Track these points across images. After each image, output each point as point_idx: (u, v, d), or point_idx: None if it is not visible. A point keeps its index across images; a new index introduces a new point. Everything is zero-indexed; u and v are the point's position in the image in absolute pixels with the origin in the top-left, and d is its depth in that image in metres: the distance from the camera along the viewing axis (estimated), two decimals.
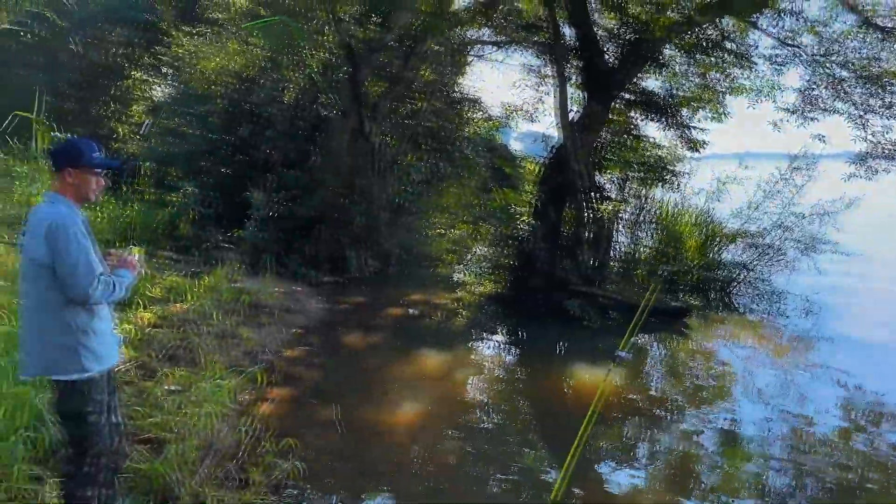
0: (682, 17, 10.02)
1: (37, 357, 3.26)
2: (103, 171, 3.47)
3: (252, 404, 6.23)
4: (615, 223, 10.88)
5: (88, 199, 3.42)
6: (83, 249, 3.16)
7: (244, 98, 15.14)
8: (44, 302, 3.20)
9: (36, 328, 3.23)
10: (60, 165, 3.30)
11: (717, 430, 6.18)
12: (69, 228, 3.13)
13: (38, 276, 3.18)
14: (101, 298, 3.25)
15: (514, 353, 9.17)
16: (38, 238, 3.13)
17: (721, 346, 9.19)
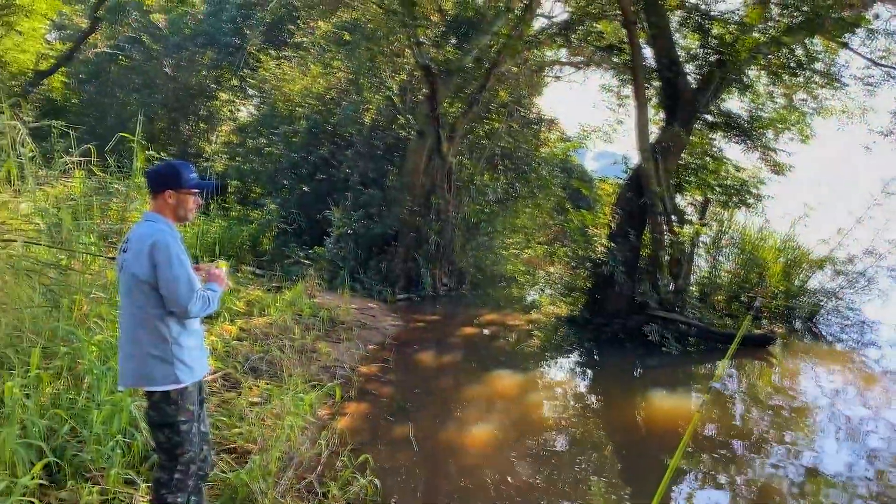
0: (768, 37, 9.77)
1: (132, 369, 3.41)
2: (199, 191, 3.64)
3: (330, 418, 6.36)
4: (695, 247, 10.62)
5: (186, 219, 3.59)
6: (184, 267, 3.34)
7: (325, 119, 15.58)
8: (141, 316, 3.37)
9: (132, 340, 3.40)
10: (160, 188, 3.47)
11: (802, 467, 5.92)
12: (171, 247, 3.31)
13: (136, 291, 3.35)
14: (199, 313, 3.42)
15: (591, 378, 9.04)
16: (140, 256, 3.29)
17: (806, 377, 8.80)
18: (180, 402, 3.46)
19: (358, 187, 14.66)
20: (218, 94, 22.44)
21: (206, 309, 3.46)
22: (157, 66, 21.04)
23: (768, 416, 7.25)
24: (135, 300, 3.36)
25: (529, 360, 9.41)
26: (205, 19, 22.80)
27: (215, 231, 13.42)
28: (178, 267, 3.30)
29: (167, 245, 3.30)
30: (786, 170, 10.42)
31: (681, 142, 9.90)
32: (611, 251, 10.15)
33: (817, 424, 6.94)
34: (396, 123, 15.35)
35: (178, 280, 3.29)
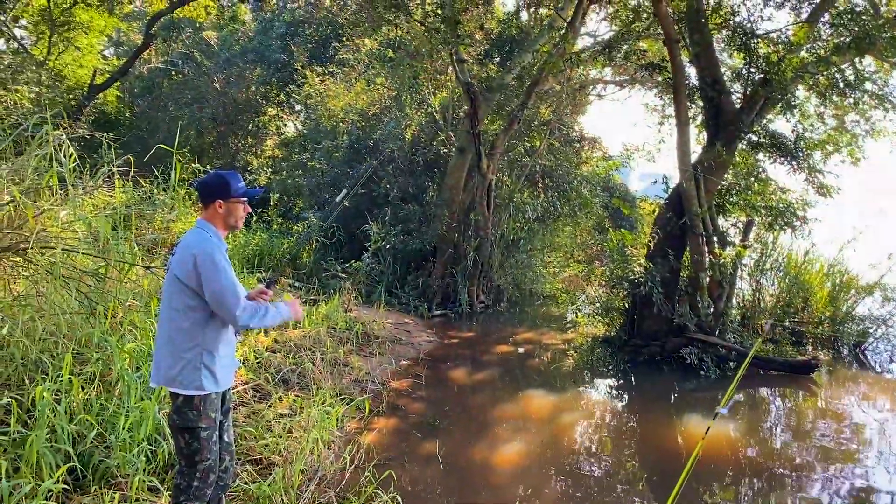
0: (815, 57, 9.54)
1: (164, 368, 3.49)
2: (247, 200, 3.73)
3: (357, 433, 6.35)
4: (738, 269, 10.36)
5: (236, 227, 3.70)
6: (228, 276, 3.43)
7: (367, 134, 15.74)
8: (178, 319, 3.46)
9: (167, 340, 3.49)
10: (211, 198, 3.57)
11: (842, 499, 5.68)
12: (216, 255, 3.41)
13: (177, 294, 3.45)
14: (247, 321, 3.48)
15: (625, 400, 8.86)
16: (187, 261, 3.40)
17: (851, 406, 8.46)
18: (202, 408, 3.51)
19: (397, 202, 14.74)
20: (266, 110, 22.88)
21: (255, 318, 3.51)
22: (207, 81, 21.55)
23: (805, 443, 6.99)
24: (174, 302, 3.46)
25: (563, 380, 9.27)
26: (254, 36, 23.34)
27: (256, 243, 13.62)
28: (223, 276, 3.39)
29: (212, 254, 3.39)
30: (833, 192, 10.10)
31: (723, 162, 9.70)
32: (649, 271, 9.97)
33: (857, 453, 6.66)
34: (437, 140, 15.42)
35: (224, 289, 3.38)
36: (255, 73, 22.14)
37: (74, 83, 19.69)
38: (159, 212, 9.11)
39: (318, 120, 17.73)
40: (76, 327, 5.41)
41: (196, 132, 23.25)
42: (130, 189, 9.38)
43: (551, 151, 16.08)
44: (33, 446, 3.91)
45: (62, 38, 19.28)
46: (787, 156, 9.86)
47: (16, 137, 6.25)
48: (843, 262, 11.62)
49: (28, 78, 16.33)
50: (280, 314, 3.67)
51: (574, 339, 11.58)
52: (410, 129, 15.64)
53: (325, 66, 18.35)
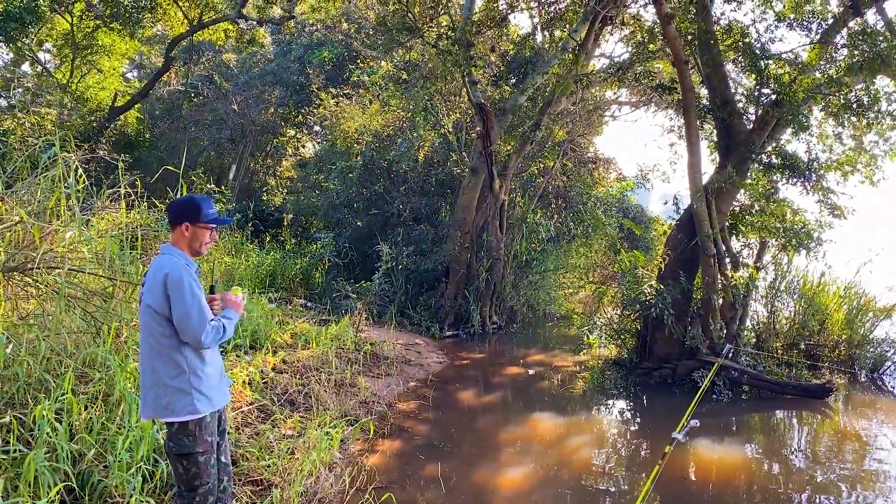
0: (828, 77, 9.48)
1: (152, 399, 3.47)
2: (216, 227, 3.72)
3: (361, 454, 6.33)
4: (751, 291, 10.24)
5: (200, 253, 3.66)
6: (196, 298, 3.40)
7: (381, 155, 15.85)
8: (157, 347, 3.44)
9: (150, 371, 3.46)
10: (178, 221, 3.56)
11: None
12: (184, 279, 3.38)
13: (152, 323, 3.42)
14: (212, 343, 3.46)
15: (635, 424, 8.75)
16: (155, 287, 3.38)
17: (866, 431, 8.28)
18: (198, 433, 3.50)
19: (410, 223, 14.79)
20: (284, 131, 23.14)
21: (220, 338, 3.51)
22: (226, 103, 21.86)
23: (817, 468, 6.85)
24: (151, 332, 3.43)
25: (573, 403, 9.19)
26: (273, 59, 23.67)
27: (269, 263, 13.71)
28: (190, 298, 3.36)
29: (180, 277, 3.37)
30: (846, 213, 9.98)
31: (734, 183, 9.63)
32: (660, 293, 9.89)
33: (873, 478, 6.51)
34: (450, 160, 15.49)
35: (189, 312, 3.35)
36: (274, 94, 22.44)
37: (96, 105, 20.08)
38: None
39: (333, 141, 17.90)
40: (82, 346, 5.47)
41: (215, 153, 23.58)
42: (144, 210, 9.51)
43: (565, 172, 16.08)
44: (31, 465, 3.93)
45: (85, 62, 19.71)
46: (799, 177, 9.77)
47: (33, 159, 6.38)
48: (860, 284, 11.45)
49: (50, 101, 16.68)
50: (232, 321, 3.64)
51: (585, 361, 11.49)
52: (423, 150, 15.73)
53: (339, 88, 18.54)
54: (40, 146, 6.22)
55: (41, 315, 5.53)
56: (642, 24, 12.72)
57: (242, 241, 13.54)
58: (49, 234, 5.48)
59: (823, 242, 10.25)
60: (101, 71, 20.34)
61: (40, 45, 20.11)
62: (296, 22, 20.79)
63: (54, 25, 18.96)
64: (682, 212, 10.70)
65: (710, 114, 10.30)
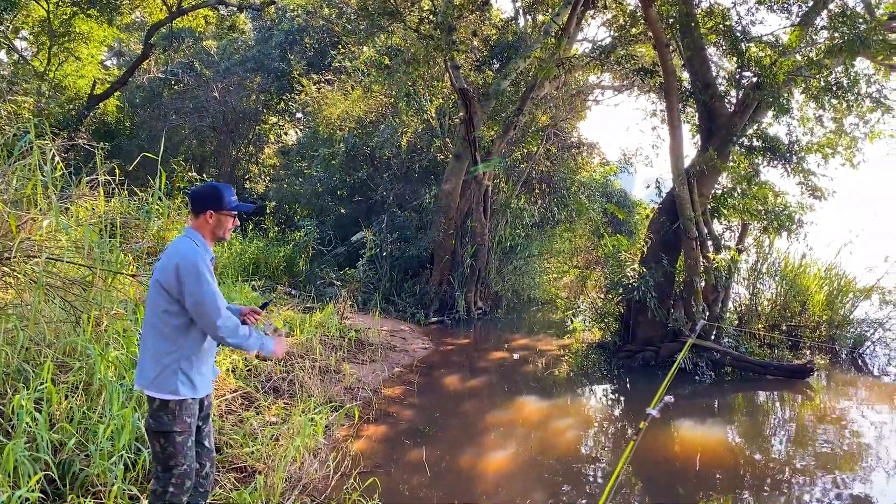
0: (808, 60, 9.51)
1: (144, 370, 3.51)
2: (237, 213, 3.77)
3: (345, 440, 6.33)
4: (732, 274, 10.32)
5: (224, 239, 3.74)
6: (211, 286, 3.44)
7: (364, 142, 15.77)
8: (158, 323, 3.49)
9: (149, 344, 3.51)
10: (201, 209, 3.61)
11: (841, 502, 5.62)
12: (199, 265, 3.42)
13: (158, 298, 3.48)
14: (225, 335, 3.46)
15: (618, 406, 8.82)
16: (170, 268, 3.42)
17: (846, 410, 8.40)
18: (177, 412, 3.51)
19: (394, 209, 14.76)
20: (266, 118, 22.94)
21: (236, 336, 3.50)
22: (207, 90, 21.62)
23: (797, 447, 6.94)
24: (156, 307, 3.49)
25: (557, 386, 9.25)
26: (254, 45, 23.42)
27: (253, 251, 13.64)
28: (205, 286, 3.40)
29: (195, 263, 3.41)
30: (826, 195, 10.07)
31: (716, 166, 9.67)
32: (643, 276, 9.94)
33: (850, 457, 6.60)
34: (434, 146, 15.44)
35: (204, 299, 3.39)
36: (255, 81, 22.23)
37: (74, 94, 19.81)
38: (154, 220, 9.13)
39: (316, 128, 17.79)
40: (61, 336, 5.42)
41: (197, 141, 23.34)
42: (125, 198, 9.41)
43: (548, 157, 16.08)
44: (10, 455, 3.90)
45: (62, 49, 19.41)
46: (780, 159, 9.83)
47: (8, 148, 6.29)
48: (840, 265, 11.57)
49: (27, 89, 16.43)
50: (262, 344, 3.64)
51: (570, 344, 11.56)
52: (407, 136, 15.66)
53: (321, 74, 18.40)
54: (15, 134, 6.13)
55: (19, 305, 5.48)
56: (624, 7, 12.68)
57: None
58: (26, 223, 5.42)
59: (804, 224, 10.36)
60: (79, 58, 20.03)
61: (16, 33, 19.77)
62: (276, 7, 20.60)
63: (30, 12, 18.65)
64: (664, 195, 10.74)
65: (692, 97, 10.33)
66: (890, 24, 9.85)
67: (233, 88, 21.78)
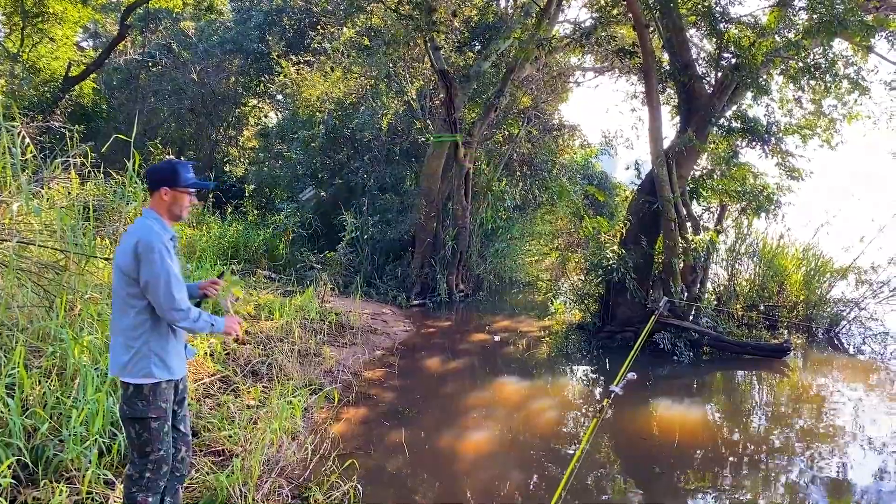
0: (787, 41, 9.54)
1: (116, 356, 3.45)
2: (195, 191, 3.69)
3: (324, 423, 6.33)
4: (711, 254, 10.40)
5: (181, 218, 3.65)
6: (165, 266, 3.36)
7: (344, 124, 15.65)
8: (124, 307, 3.43)
9: (118, 330, 3.46)
10: (157, 185, 3.53)
11: (816, 480, 5.70)
12: (155, 245, 3.35)
13: (122, 283, 3.42)
14: (177, 318, 3.41)
15: (597, 386, 8.87)
16: (127, 249, 3.36)
17: (823, 388, 8.52)
18: (152, 398, 3.46)
19: (375, 192, 14.69)
20: (246, 100, 22.70)
21: (190, 321, 3.45)
22: (185, 72, 21.34)
23: (775, 424, 7.03)
24: (120, 293, 3.43)
25: (537, 367, 9.30)
26: (232, 27, 23.12)
27: (232, 235, 13.54)
28: (159, 266, 3.33)
29: (150, 243, 3.34)
30: (803, 175, 10.15)
31: (695, 147, 9.70)
32: (622, 258, 9.99)
33: (827, 433, 6.70)
34: (414, 128, 15.35)
35: (158, 279, 3.33)
36: (234, 63, 21.96)
37: (49, 75, 19.45)
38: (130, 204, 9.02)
39: (295, 110, 17.62)
40: (35, 320, 5.36)
41: (175, 124, 23.08)
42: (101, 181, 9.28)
43: (530, 139, 16.06)
44: None
45: (36, 30, 19.03)
46: (759, 140, 9.87)
47: None
48: (818, 245, 11.70)
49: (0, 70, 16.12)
50: (213, 325, 3.57)
51: (550, 326, 11.61)
52: (387, 118, 15.56)
53: (300, 56, 18.20)
54: None
55: None
56: None
57: (204, 212, 13.33)
58: None
59: (782, 205, 10.44)
60: (53, 39, 19.64)
61: None
62: None
63: None
64: (643, 177, 10.77)
65: (672, 78, 10.33)
66: (867, 6, 9.90)
67: (211, 70, 21.53)
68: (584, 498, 5.24)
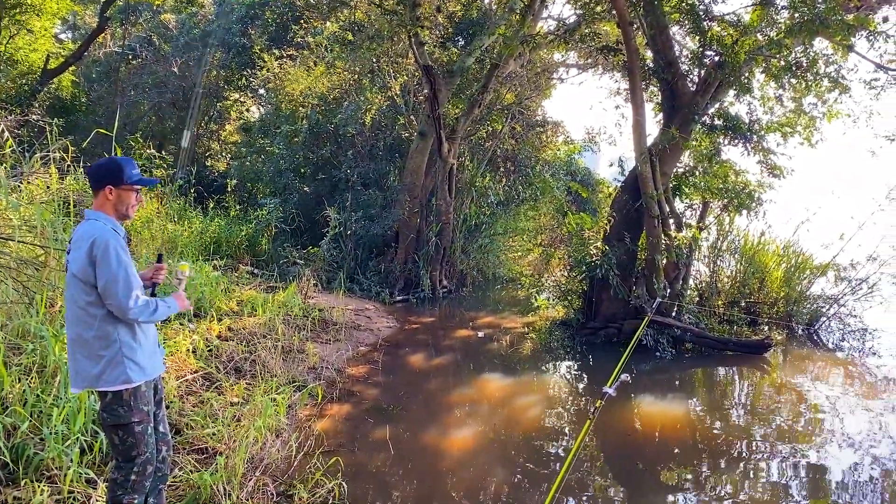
0: (769, 39, 9.61)
1: (82, 371, 3.32)
2: (141, 189, 3.54)
3: (308, 420, 6.30)
4: (693, 251, 10.48)
5: (128, 216, 3.49)
6: (123, 265, 3.24)
7: (328, 119, 15.57)
8: (85, 317, 3.28)
9: (79, 343, 3.31)
10: (100, 184, 3.38)
11: (795, 475, 5.77)
12: (110, 244, 3.22)
13: (78, 292, 3.27)
14: (138, 315, 3.30)
15: (580, 382, 8.92)
16: (81, 254, 3.22)
17: (802, 384, 8.63)
18: (133, 402, 3.39)
19: (358, 188, 14.63)
20: (228, 95, 22.50)
21: (149, 315, 3.36)
22: (166, 66, 21.09)
23: (755, 420, 7.10)
24: (77, 301, 3.29)
25: (521, 363, 9.32)
26: (214, 20, 22.89)
27: (214, 230, 13.43)
28: (115, 265, 3.21)
29: (106, 242, 3.22)
30: (784, 173, 10.26)
31: (678, 144, 9.76)
32: (605, 254, 10.04)
33: (806, 428, 6.79)
34: (398, 124, 15.31)
35: (116, 279, 3.21)
36: (216, 57, 21.74)
37: (27, 68, 19.19)
38: None
39: (278, 104, 17.51)
40: (14, 317, 5.28)
41: (156, 118, 22.83)
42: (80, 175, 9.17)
43: (513, 135, 16.07)
44: None
45: (13, 21, 18.74)
46: (741, 138, 9.96)
47: None
48: (798, 243, 11.82)
49: None
50: (169, 308, 3.50)
51: (534, 322, 11.65)
52: (371, 114, 15.50)
53: (284, 50, 18.07)
54: None
55: None
56: None
57: (185, 207, 13.21)
58: None
59: (764, 203, 10.54)
60: (31, 31, 19.37)
61: None
62: None
63: None
64: (627, 174, 10.82)
65: (655, 76, 10.38)
66: (847, 5, 9.99)
67: (193, 64, 21.30)
68: (566, 493, 5.27)
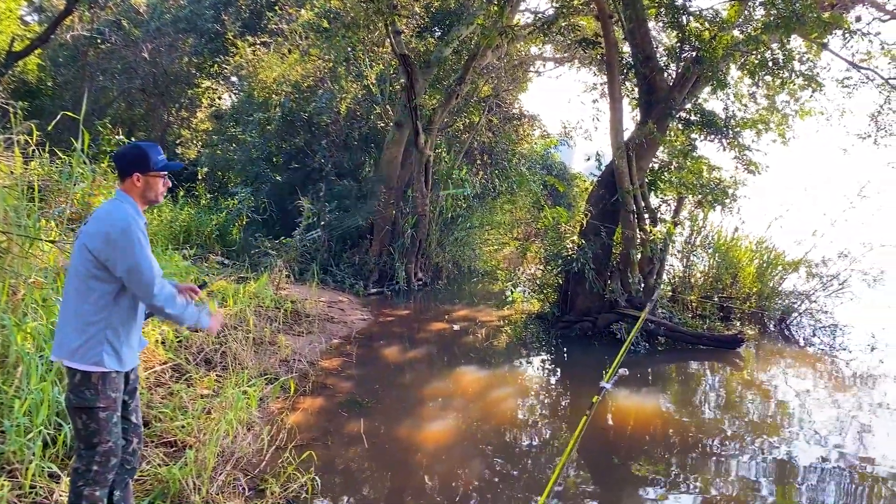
0: (746, 35, 9.65)
1: (65, 340, 3.24)
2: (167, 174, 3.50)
3: (280, 413, 6.18)
4: (668, 246, 10.52)
5: (156, 202, 3.47)
6: (145, 251, 3.21)
7: (301, 107, 15.37)
8: (84, 290, 3.22)
9: (73, 313, 3.24)
10: (128, 171, 3.33)
11: (765, 468, 5.79)
12: (132, 229, 3.18)
13: (85, 265, 3.21)
14: (164, 303, 3.26)
15: (555, 376, 8.90)
16: (99, 231, 3.17)
17: (773, 379, 8.71)
18: (101, 387, 3.27)
19: (332, 178, 14.46)
20: (199, 82, 22.11)
21: (173, 305, 3.30)
22: (136, 51, 20.64)
23: (725, 415, 7.14)
24: (79, 272, 3.22)
25: (496, 357, 9.28)
26: (186, 5, 22.46)
27: (184, 219, 13.17)
28: (139, 251, 3.18)
29: (127, 228, 3.17)
30: (760, 169, 10.34)
31: (655, 139, 9.77)
32: (581, 248, 10.03)
33: (776, 422, 6.83)
34: (374, 114, 15.15)
35: (139, 264, 3.17)
36: (188, 43, 21.33)
37: None
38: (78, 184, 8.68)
39: (251, 92, 17.23)
40: None
41: (126, 104, 22.37)
42: (46, 160, 8.91)
43: (490, 128, 16.01)
44: None
45: None
46: (717, 134, 10.00)
47: None
48: (770, 239, 11.94)
49: None
50: (198, 318, 3.46)
51: (509, 315, 11.62)
52: (346, 103, 15.32)
53: (258, 37, 17.79)
54: None
55: None
56: None
57: None
58: None
59: (738, 198, 10.61)
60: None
61: None
62: None
63: None
64: (603, 168, 10.82)
65: (633, 70, 10.37)
66: (823, 3, 10.06)
67: (163, 49, 20.86)
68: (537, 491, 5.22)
